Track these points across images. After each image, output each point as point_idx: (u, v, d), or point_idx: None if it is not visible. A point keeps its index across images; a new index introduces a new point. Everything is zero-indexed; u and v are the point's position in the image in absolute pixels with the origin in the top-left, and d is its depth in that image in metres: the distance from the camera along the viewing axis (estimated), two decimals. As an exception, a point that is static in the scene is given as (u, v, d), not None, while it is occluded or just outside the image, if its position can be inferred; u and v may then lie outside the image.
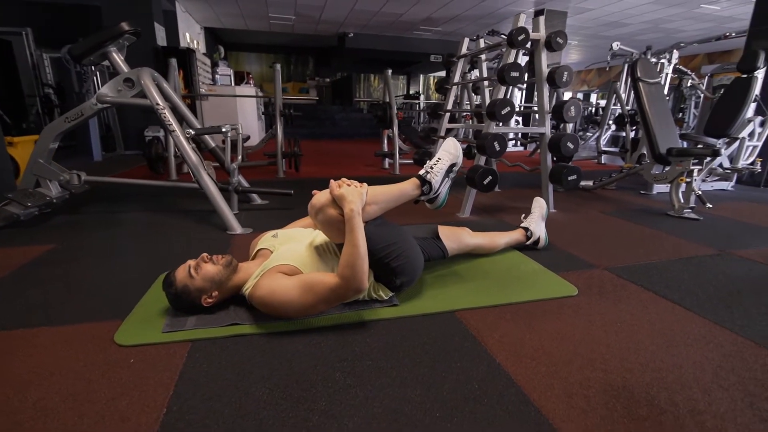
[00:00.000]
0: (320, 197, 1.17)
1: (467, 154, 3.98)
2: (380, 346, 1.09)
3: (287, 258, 1.21)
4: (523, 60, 3.81)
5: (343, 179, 1.21)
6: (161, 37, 5.68)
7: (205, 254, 1.21)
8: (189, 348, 1.06)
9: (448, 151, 1.38)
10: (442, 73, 14.07)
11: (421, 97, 13.82)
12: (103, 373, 0.96)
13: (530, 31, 2.27)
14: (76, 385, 0.91)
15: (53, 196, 2.18)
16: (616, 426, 0.82)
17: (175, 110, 2.20)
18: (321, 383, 0.93)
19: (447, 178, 1.39)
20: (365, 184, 1.23)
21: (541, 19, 2.31)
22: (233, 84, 6.76)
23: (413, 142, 5.06)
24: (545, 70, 2.37)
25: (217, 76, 6.34)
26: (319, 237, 1.33)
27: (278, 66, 3.95)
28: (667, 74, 6.49)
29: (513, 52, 2.31)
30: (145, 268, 1.61)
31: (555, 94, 4.65)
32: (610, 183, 3.38)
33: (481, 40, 3.56)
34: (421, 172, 1.38)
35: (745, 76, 3.20)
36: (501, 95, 2.37)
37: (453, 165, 1.39)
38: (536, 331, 1.19)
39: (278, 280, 1.14)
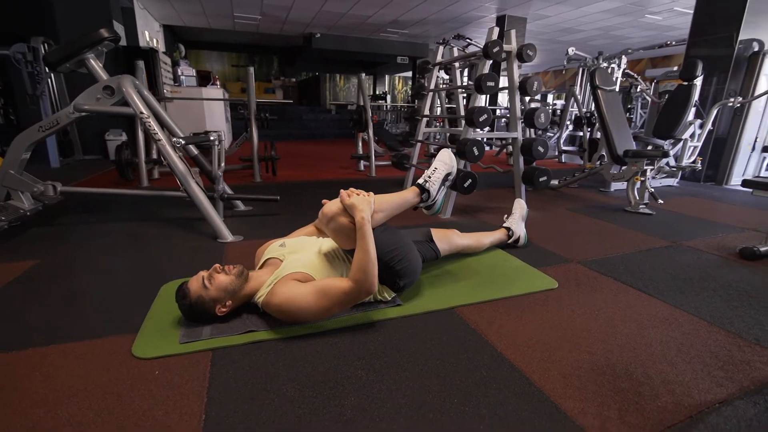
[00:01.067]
0: (332, 206, 1.24)
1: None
2: (392, 343, 1.19)
3: (299, 266, 1.27)
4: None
5: (352, 189, 1.29)
6: (121, 36, 5.40)
7: (217, 265, 1.24)
8: (211, 356, 1.10)
9: (444, 162, 1.49)
10: (408, 74, 14.29)
11: (388, 98, 13.96)
12: (130, 386, 0.98)
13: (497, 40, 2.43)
14: (107, 399, 0.93)
15: (26, 209, 2.08)
16: (605, 398, 0.97)
17: (156, 117, 2.16)
18: (346, 381, 1.01)
19: (443, 186, 1.50)
20: (372, 194, 1.31)
21: (513, 32, 2.48)
22: (198, 85, 6.54)
23: (387, 144, 5.17)
24: (517, 80, 2.55)
25: (181, 77, 6.11)
26: (326, 244, 1.40)
27: (251, 69, 3.90)
28: (617, 78, 7.05)
29: (488, 62, 2.47)
30: (141, 280, 1.60)
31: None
32: (574, 182, 3.65)
33: (455, 49, 3.73)
34: (420, 181, 1.48)
35: (686, 83, 3.56)
36: (478, 103, 2.52)
37: (448, 174, 1.50)
38: (527, 321, 1.33)
39: (294, 287, 1.20)
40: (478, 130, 2.52)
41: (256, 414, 0.89)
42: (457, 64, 3.33)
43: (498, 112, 7.04)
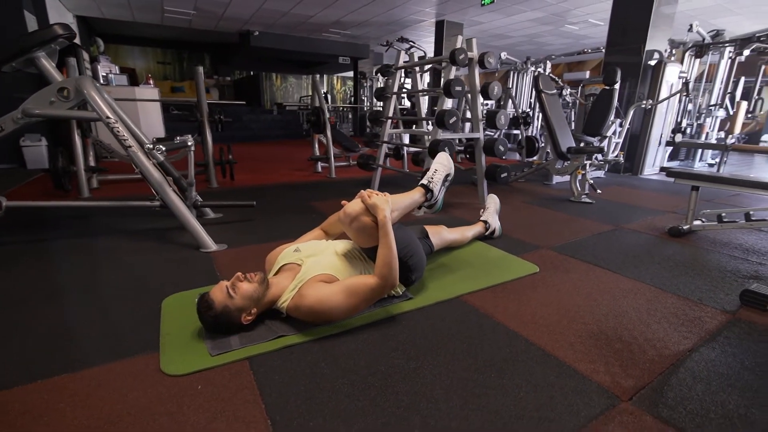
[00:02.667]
0: (354, 206, 1.29)
1: (396, 155, 4.30)
2: (417, 332, 1.28)
3: (321, 268, 1.31)
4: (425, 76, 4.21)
5: (369, 190, 1.35)
6: (33, 28, 4.76)
7: (240, 273, 1.23)
8: (248, 365, 1.10)
9: (443, 164, 1.61)
10: (349, 74, 14.31)
11: (329, 98, 13.85)
12: (177, 404, 0.96)
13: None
14: (159, 420, 0.91)
15: (-36, 229, 1.81)
16: (608, 358, 1.16)
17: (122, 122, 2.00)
18: (390, 371, 1.08)
19: (443, 186, 1.62)
20: (387, 194, 1.38)
21: (474, 40, 2.68)
22: (129, 84, 5.98)
23: (343, 145, 5.19)
24: (478, 84, 2.77)
25: (110, 75, 5.54)
26: (339, 246, 1.44)
27: (200, 68, 3.70)
28: (544, 81, 7.79)
29: (453, 68, 2.65)
30: (134, 298, 1.50)
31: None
32: (524, 176, 4.01)
33: (403, 51, 3.86)
34: (424, 181, 1.58)
35: (608, 87, 4.09)
36: (446, 106, 2.69)
37: (447, 175, 1.63)
38: (525, 302, 1.50)
39: (322, 288, 1.23)
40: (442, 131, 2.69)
41: (319, 412, 0.93)
42: (418, 68, 3.48)
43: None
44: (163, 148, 1.92)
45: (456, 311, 1.42)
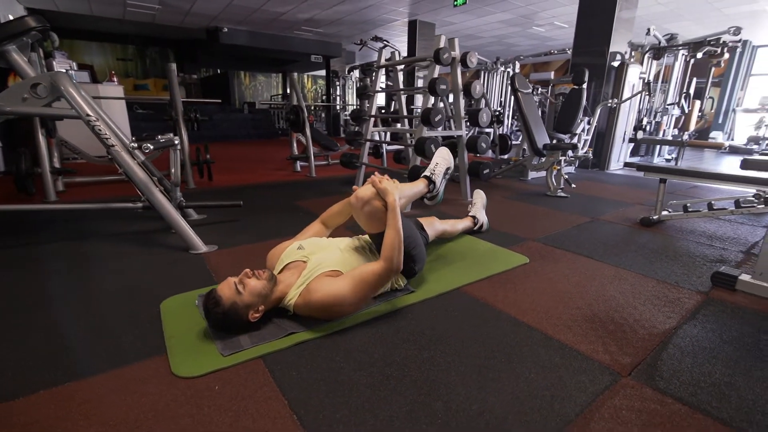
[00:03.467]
0: (365, 191, 1.32)
1: (375, 153, 4.32)
2: (425, 323, 1.31)
3: (328, 264, 1.31)
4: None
5: (379, 175, 1.38)
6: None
7: (248, 270, 1.22)
8: (263, 363, 1.10)
9: (444, 158, 1.65)
10: (320, 73, 14.17)
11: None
12: (196, 405, 0.94)
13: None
14: (181, 422, 0.89)
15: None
16: (604, 339, 1.24)
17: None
18: (405, 361, 1.11)
19: (444, 179, 1.66)
20: (396, 180, 1.41)
21: (456, 40, 2.75)
22: (92, 81, 5.66)
23: (321, 144, 5.15)
24: (461, 83, 2.84)
25: (71, 72, 5.21)
26: (343, 242, 1.45)
27: (173, 66, 3.57)
28: (513, 81, 8.05)
29: (437, 67, 2.70)
30: (129, 303, 1.44)
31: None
32: (501, 173, 4.14)
33: (396, 52, 3.89)
34: (426, 173, 1.62)
35: (577, 87, 4.30)
36: (430, 104, 2.74)
37: (448, 168, 1.67)
38: (521, 291, 1.57)
39: (331, 282, 1.24)
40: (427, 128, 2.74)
41: (343, 404, 0.95)
42: (399, 66, 3.52)
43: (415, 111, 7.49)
44: (151, 147, 1.85)
45: (458, 302, 1.47)
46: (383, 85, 6.51)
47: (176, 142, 1.98)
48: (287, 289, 1.29)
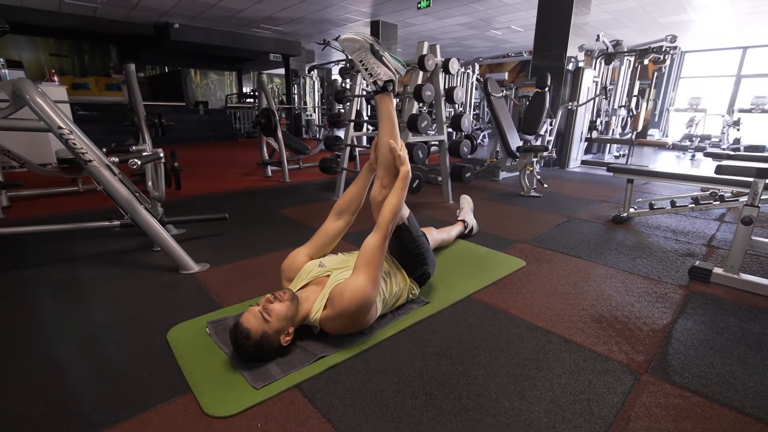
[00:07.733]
0: (392, 143, 1.40)
1: (348, 156, 4.28)
2: (449, 335, 1.33)
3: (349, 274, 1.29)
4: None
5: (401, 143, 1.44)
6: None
7: (269, 295, 1.17)
8: (299, 393, 1.06)
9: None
10: (278, 71, 13.74)
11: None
12: (241, 443, 0.89)
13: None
14: (228, 463, 0.84)
15: None
16: (616, 338, 1.32)
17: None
18: (443, 378, 1.12)
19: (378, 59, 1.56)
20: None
21: (437, 46, 2.79)
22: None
23: (292, 147, 5.02)
24: (443, 89, 2.89)
25: (4, 71, 4.64)
26: (360, 257, 1.43)
27: (132, 66, 3.30)
28: (473, 83, 8.33)
29: (420, 73, 2.73)
30: (127, 335, 1.33)
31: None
32: (475, 174, 4.26)
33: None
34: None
35: (541, 90, 4.53)
36: (414, 110, 2.76)
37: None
38: (527, 295, 1.64)
39: (348, 284, 1.20)
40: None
41: (395, 427, 0.94)
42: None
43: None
44: (139, 162, 1.70)
45: (473, 311, 1.50)
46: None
47: (161, 154, 1.84)
48: (311, 306, 1.25)
